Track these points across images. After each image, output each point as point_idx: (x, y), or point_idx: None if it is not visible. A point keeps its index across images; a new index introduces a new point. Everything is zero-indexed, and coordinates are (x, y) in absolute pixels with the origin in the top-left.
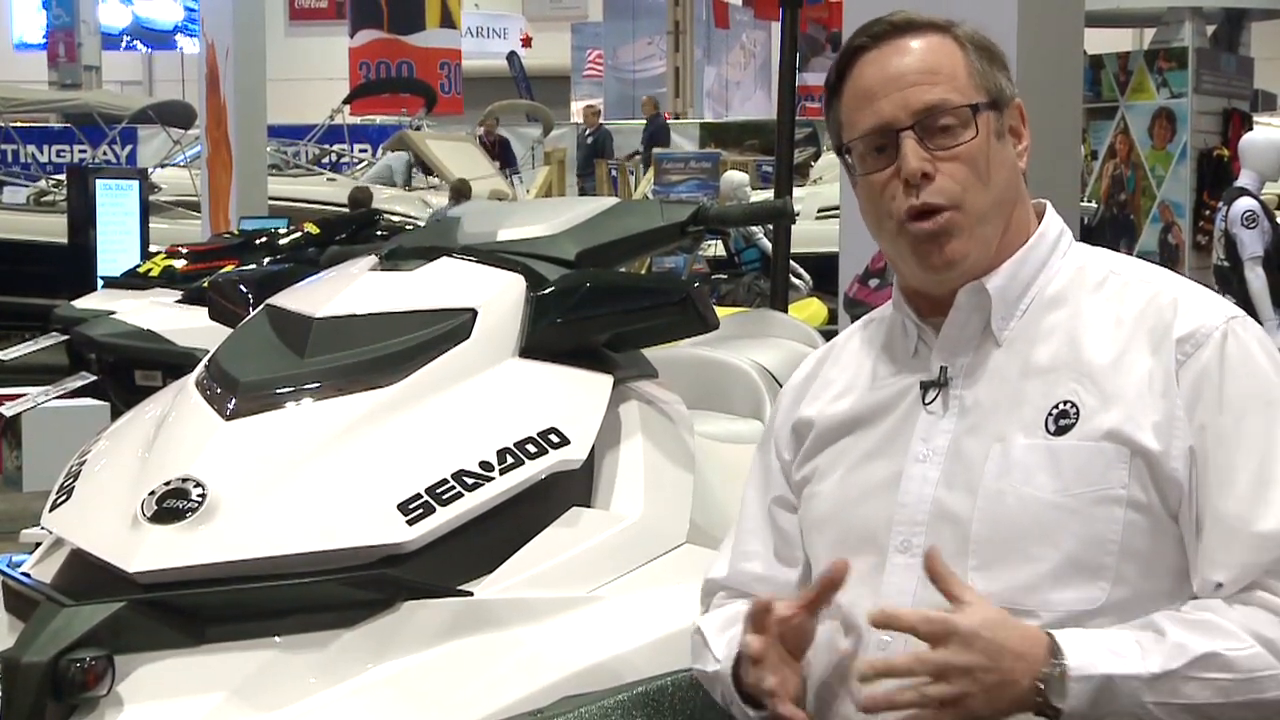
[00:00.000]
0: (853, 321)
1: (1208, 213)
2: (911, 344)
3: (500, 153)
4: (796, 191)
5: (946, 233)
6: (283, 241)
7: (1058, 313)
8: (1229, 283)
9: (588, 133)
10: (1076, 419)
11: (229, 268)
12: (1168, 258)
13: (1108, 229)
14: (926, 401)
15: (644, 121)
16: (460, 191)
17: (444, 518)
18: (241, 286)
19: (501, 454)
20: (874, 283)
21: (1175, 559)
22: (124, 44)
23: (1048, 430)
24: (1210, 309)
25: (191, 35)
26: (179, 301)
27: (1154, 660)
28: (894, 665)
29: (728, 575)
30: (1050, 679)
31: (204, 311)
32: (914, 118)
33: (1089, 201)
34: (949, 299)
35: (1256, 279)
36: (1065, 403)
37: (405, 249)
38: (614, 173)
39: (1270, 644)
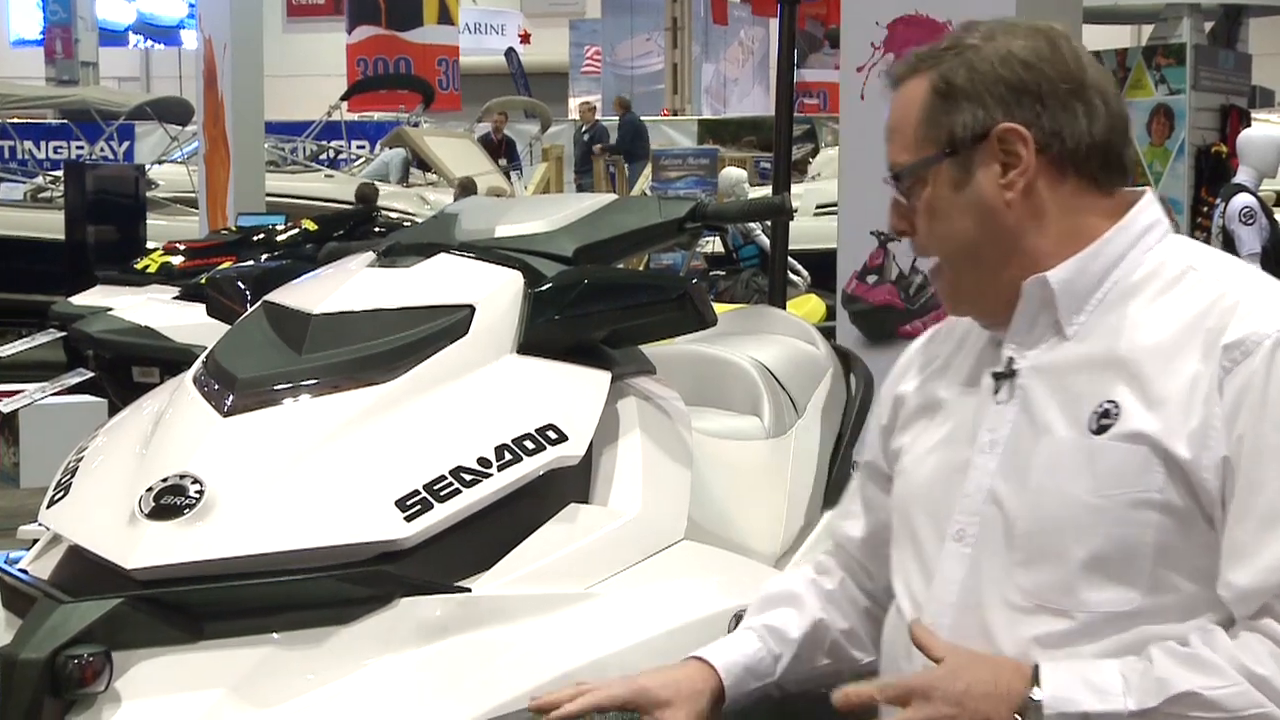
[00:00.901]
0: (850, 319)
1: (1206, 209)
2: (993, 335)
3: (506, 150)
4: (795, 188)
5: (936, 277)
6: (280, 238)
7: (1129, 307)
8: None
9: (585, 130)
10: (1116, 419)
11: (226, 264)
12: None
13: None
14: (996, 392)
15: (614, 119)
16: (466, 189)
17: (442, 514)
18: (239, 283)
19: (499, 450)
20: (872, 279)
21: (1216, 565)
22: (132, 42)
23: (1090, 429)
24: (1268, 316)
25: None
26: (176, 298)
27: (1133, 697)
28: (860, 696)
29: (836, 534)
30: (1026, 713)
31: (201, 308)
32: (891, 176)
33: None
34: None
35: None
36: (1109, 402)
37: (403, 245)
38: (611, 169)
39: (1260, 681)
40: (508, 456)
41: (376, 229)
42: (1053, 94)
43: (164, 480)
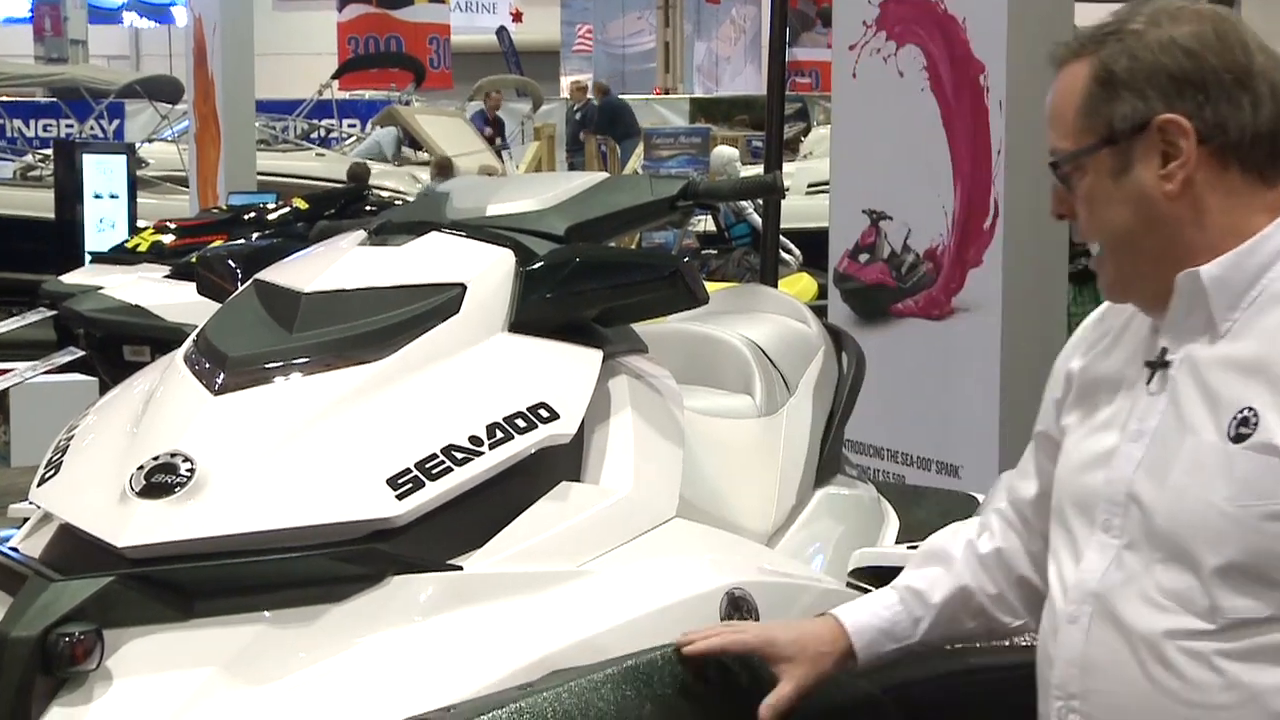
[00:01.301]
0: (842, 297)
1: None
2: (1151, 322)
3: (498, 130)
4: (786, 167)
5: (1098, 265)
6: (271, 217)
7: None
8: None
9: (576, 109)
10: (1254, 429)
11: (217, 243)
12: None
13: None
14: (1148, 382)
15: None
16: (443, 168)
17: (433, 492)
18: (230, 261)
19: (491, 429)
20: (864, 258)
21: None
22: (126, 21)
23: (1229, 435)
24: None
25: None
26: (167, 276)
27: None
28: None
29: (1009, 494)
30: None
31: (192, 286)
32: (1050, 163)
33: None
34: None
35: None
36: (1249, 409)
37: (394, 224)
38: (603, 148)
39: None
40: (499, 435)
41: (368, 208)
42: (1217, 84)
43: (155, 459)
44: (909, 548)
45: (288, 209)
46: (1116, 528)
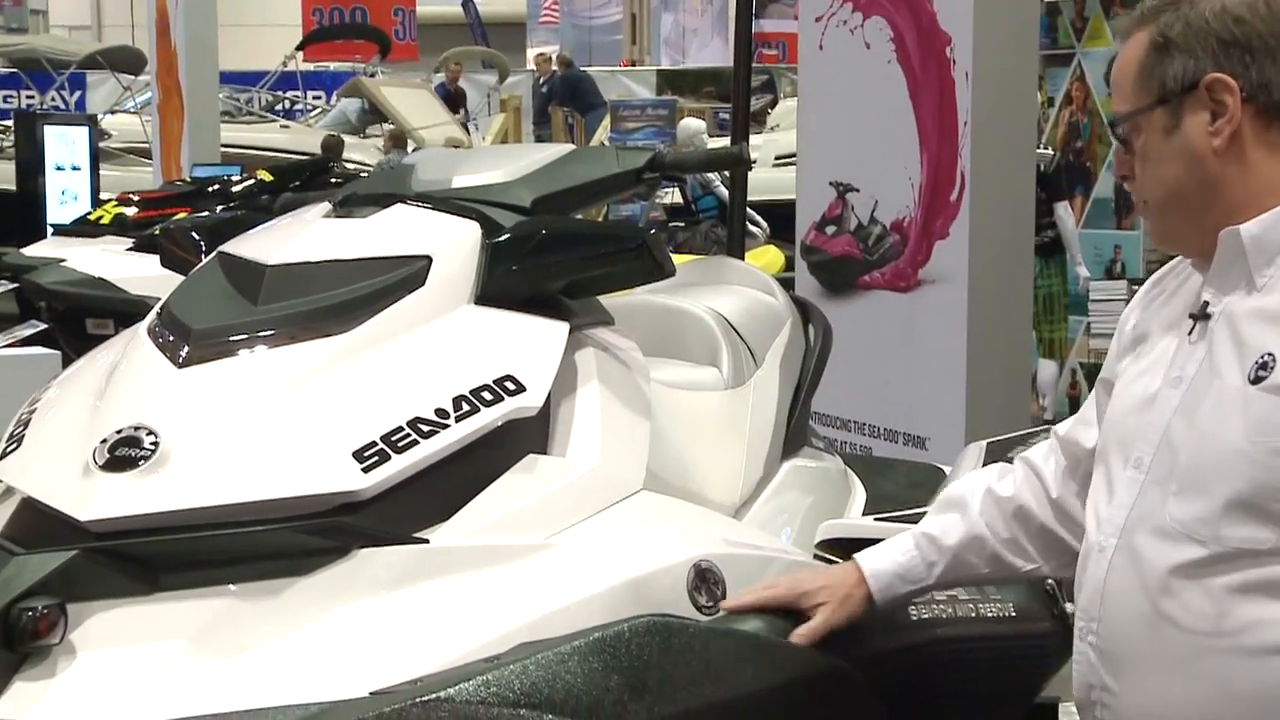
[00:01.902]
0: (809, 269)
1: None
2: (1199, 278)
3: (460, 101)
4: (754, 139)
5: (1147, 218)
6: (236, 189)
7: None
8: None
9: (542, 81)
10: (1271, 371)
11: (181, 215)
12: (1123, 204)
13: (1064, 176)
14: (1190, 332)
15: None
16: (398, 140)
17: (399, 465)
18: (194, 234)
19: (457, 401)
20: (830, 230)
21: None
22: None
23: (1249, 377)
24: None
25: None
26: (130, 249)
27: None
28: None
29: (1061, 436)
30: None
31: (156, 259)
32: (1111, 125)
33: (1045, 148)
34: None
35: None
36: (1269, 354)
37: (359, 196)
38: (570, 120)
39: None
40: (465, 407)
41: (333, 180)
42: (1263, 48)
43: (118, 432)
44: (876, 519)
45: (252, 181)
46: (1145, 465)
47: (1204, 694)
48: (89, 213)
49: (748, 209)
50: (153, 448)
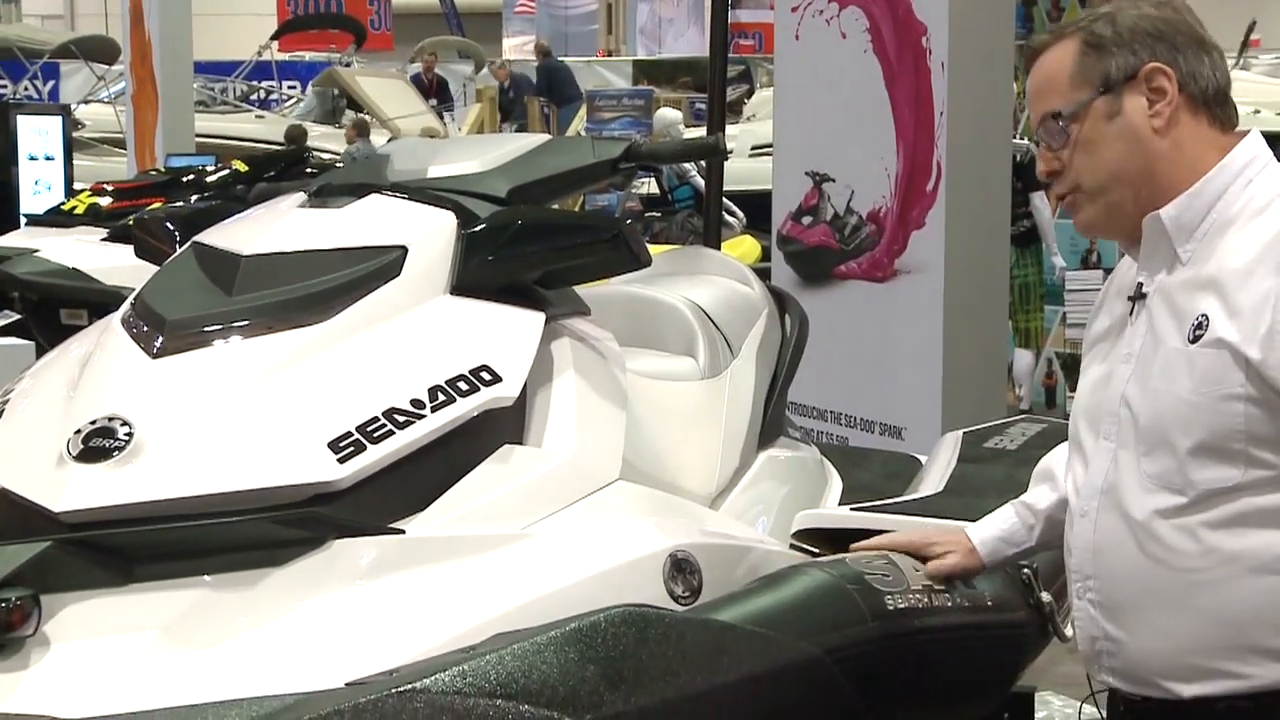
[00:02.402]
0: (785, 259)
1: None
2: (1135, 266)
3: (438, 91)
4: (730, 129)
5: (1075, 208)
6: (210, 179)
7: (1228, 235)
8: None
9: (507, 89)
10: (1206, 329)
11: (155, 205)
12: None
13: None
14: (1131, 313)
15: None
16: (361, 129)
17: (375, 456)
18: (168, 224)
19: (433, 391)
20: (806, 220)
21: None
22: None
23: (1189, 339)
24: None
25: None
26: (104, 239)
27: None
28: None
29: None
30: None
31: (130, 249)
32: (1037, 128)
33: (1021, 138)
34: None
35: None
36: (1202, 315)
37: (334, 186)
38: (546, 110)
39: None
40: (441, 398)
41: (308, 170)
42: (1186, 44)
43: (92, 422)
44: (852, 509)
45: (227, 171)
46: (1113, 434)
47: (1199, 624)
48: (63, 203)
49: (724, 199)
50: (127, 438)
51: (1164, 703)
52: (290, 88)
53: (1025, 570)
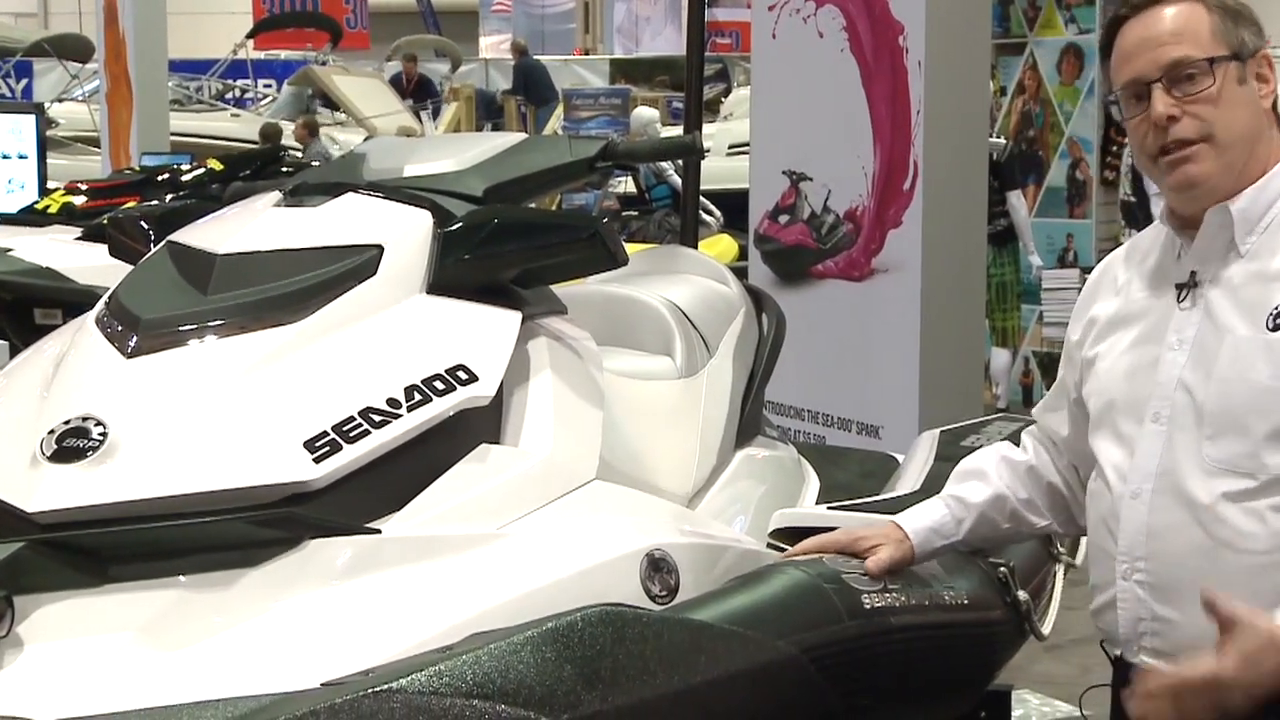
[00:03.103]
0: (762, 258)
1: (1115, 148)
2: (1175, 252)
3: (416, 90)
4: (707, 128)
5: (1189, 159)
6: (185, 178)
7: None
8: (1135, 218)
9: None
10: None
11: (130, 204)
12: (1076, 193)
13: (1017, 164)
14: (1180, 299)
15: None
16: (311, 128)
17: (351, 455)
18: (142, 223)
19: (409, 391)
20: (784, 219)
21: None
22: None
23: (1267, 327)
24: None
25: None
26: (79, 238)
27: None
28: (1162, 689)
29: (1038, 421)
30: None
31: (104, 248)
32: (1161, 71)
33: (998, 137)
34: (1201, 217)
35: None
36: None
37: (310, 185)
38: (523, 109)
39: None
40: (417, 397)
41: (284, 169)
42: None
43: (66, 422)
44: (829, 508)
45: (202, 170)
46: (1165, 418)
47: (1259, 606)
48: (36, 202)
49: (701, 198)
50: (101, 438)
51: None
52: (266, 86)
53: (1002, 569)
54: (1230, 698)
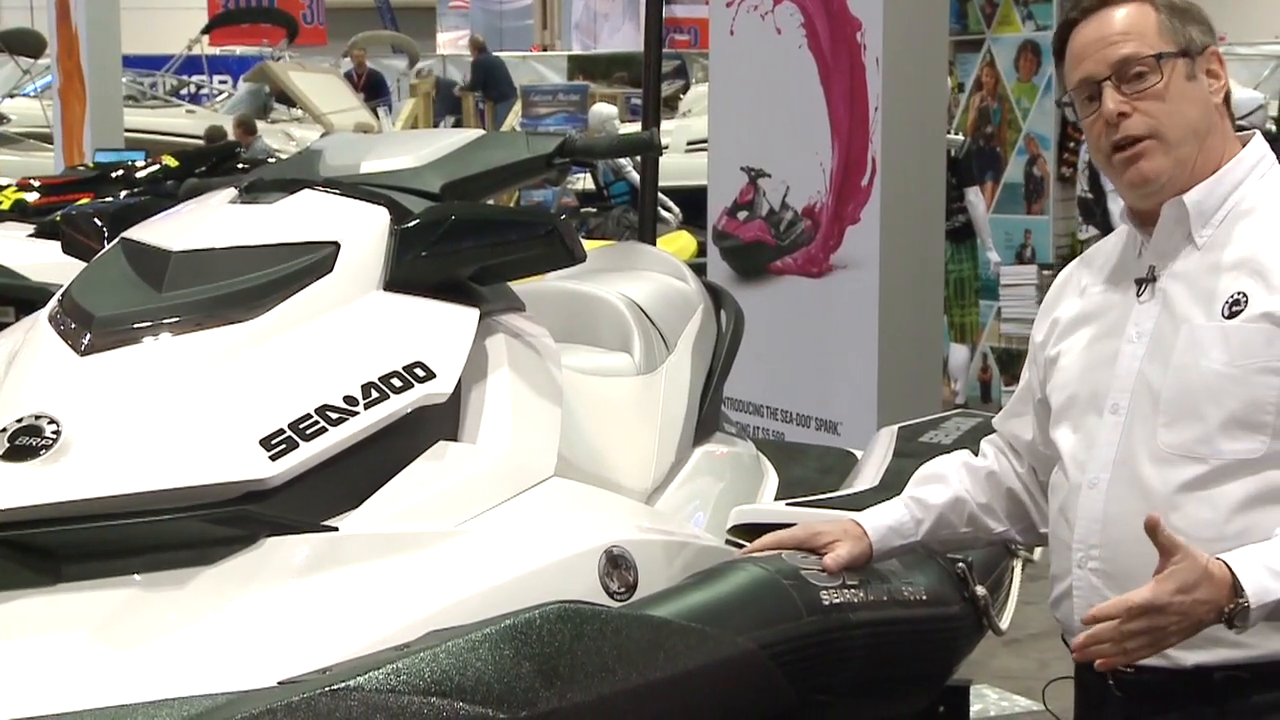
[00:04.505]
0: (721, 255)
1: (1072, 145)
2: (1136, 250)
3: (367, 85)
4: (665, 125)
5: (1141, 156)
6: (140, 174)
7: (1247, 223)
8: (1092, 214)
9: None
10: (1245, 305)
11: (83, 201)
12: (1033, 189)
13: (974, 161)
14: (1139, 294)
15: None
16: (247, 127)
17: (307, 453)
18: (96, 220)
19: (366, 388)
20: (742, 215)
21: None
22: None
23: (1222, 315)
24: None
25: None
26: (31, 235)
27: None
28: (1106, 612)
29: (999, 429)
30: (1235, 613)
31: (57, 245)
32: (1111, 69)
33: (956, 134)
34: (1158, 212)
35: (1119, 209)
36: (1239, 293)
37: (266, 182)
38: (480, 105)
39: None
40: (375, 394)
41: (239, 166)
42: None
43: (19, 420)
44: (788, 504)
45: (157, 167)
46: (1124, 409)
47: None
48: None
49: (659, 194)
50: (54, 436)
51: (1160, 671)
52: (221, 83)
53: (960, 564)
54: (1165, 624)
